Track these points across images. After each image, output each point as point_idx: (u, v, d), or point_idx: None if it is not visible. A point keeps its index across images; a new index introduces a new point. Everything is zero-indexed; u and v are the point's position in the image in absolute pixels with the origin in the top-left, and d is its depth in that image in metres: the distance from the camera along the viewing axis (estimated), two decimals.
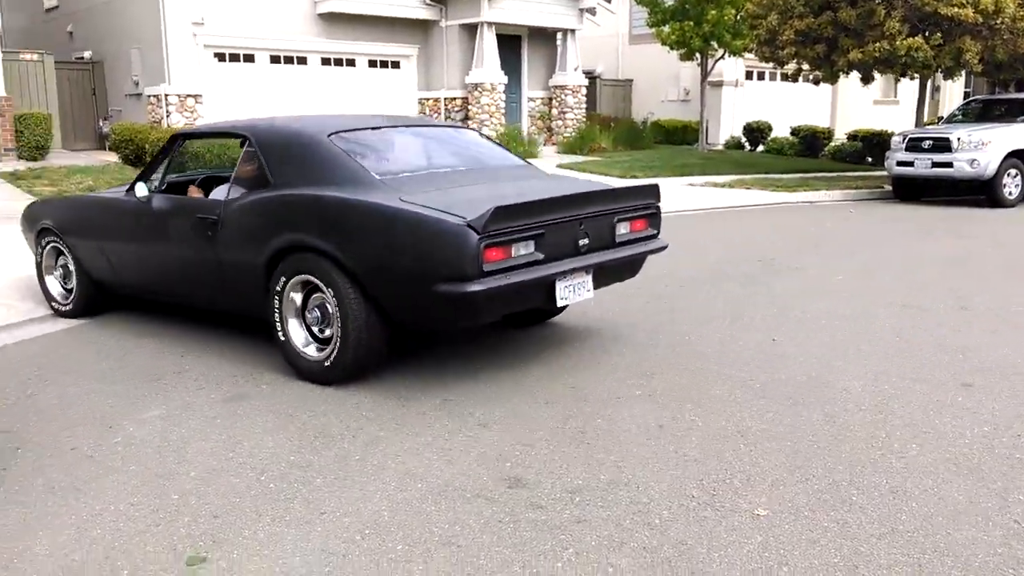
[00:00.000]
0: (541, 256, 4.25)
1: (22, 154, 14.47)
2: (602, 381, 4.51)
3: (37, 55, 16.05)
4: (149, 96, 16.62)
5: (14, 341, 5.57)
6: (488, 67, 18.95)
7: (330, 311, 4.38)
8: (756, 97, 24.79)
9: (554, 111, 21.14)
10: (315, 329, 4.53)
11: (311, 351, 4.55)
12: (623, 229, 4.81)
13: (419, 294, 4.11)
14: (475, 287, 3.93)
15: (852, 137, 21.28)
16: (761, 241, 9.67)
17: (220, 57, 16.97)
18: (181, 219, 5.13)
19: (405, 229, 4.12)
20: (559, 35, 21.12)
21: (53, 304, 6.19)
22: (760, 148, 23.09)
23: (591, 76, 23.91)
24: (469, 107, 19.46)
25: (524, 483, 3.29)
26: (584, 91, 21.31)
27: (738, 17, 18.96)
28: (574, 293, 4.52)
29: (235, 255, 4.79)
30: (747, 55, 20.20)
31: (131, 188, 5.41)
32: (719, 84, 23.38)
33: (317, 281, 4.39)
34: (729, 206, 13.39)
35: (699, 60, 20.38)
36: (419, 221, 4.07)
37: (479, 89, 19.07)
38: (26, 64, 15.75)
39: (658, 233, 5.11)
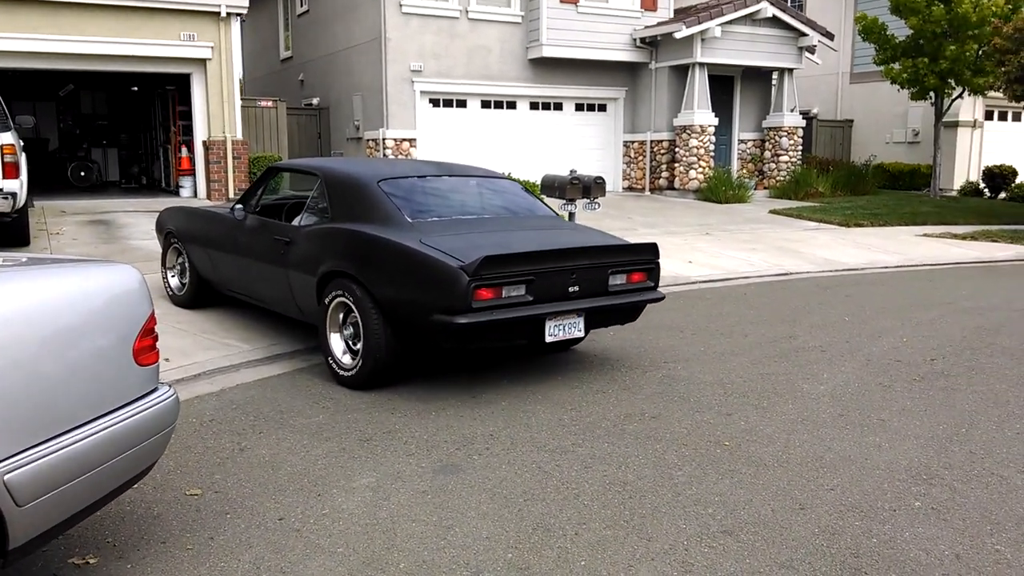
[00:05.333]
0: (531, 298, 4.94)
1: None
2: None
3: (272, 102, 17.23)
4: (368, 140, 17.37)
5: (233, 384, 5.61)
6: (698, 109, 18.30)
7: (359, 328, 5.16)
8: (997, 139, 22.40)
9: (767, 153, 20.08)
10: (350, 342, 5.37)
11: (346, 359, 5.39)
12: (618, 280, 5.40)
13: (422, 320, 4.86)
14: (462, 319, 4.67)
15: None
16: None
17: (434, 102, 17.48)
18: (265, 237, 6.15)
19: (416, 266, 4.92)
20: (774, 74, 20.11)
21: (169, 292, 7.56)
22: (1002, 195, 20.78)
23: (806, 116, 22.57)
24: (676, 149, 18.88)
25: None
26: (800, 133, 20.11)
27: (980, 52, 17.22)
28: (564, 331, 5.11)
29: (299, 272, 5.71)
30: (990, 93, 18.29)
31: (233, 207, 6.54)
32: (954, 125, 21.33)
33: (350, 302, 5.20)
34: (975, 260, 11.92)
35: (932, 99, 18.68)
36: (426, 261, 4.87)
37: (688, 131, 18.44)
38: (262, 110, 16.93)
39: (656, 285, 5.67)
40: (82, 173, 19.30)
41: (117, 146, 21.38)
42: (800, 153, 20.23)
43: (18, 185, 9.37)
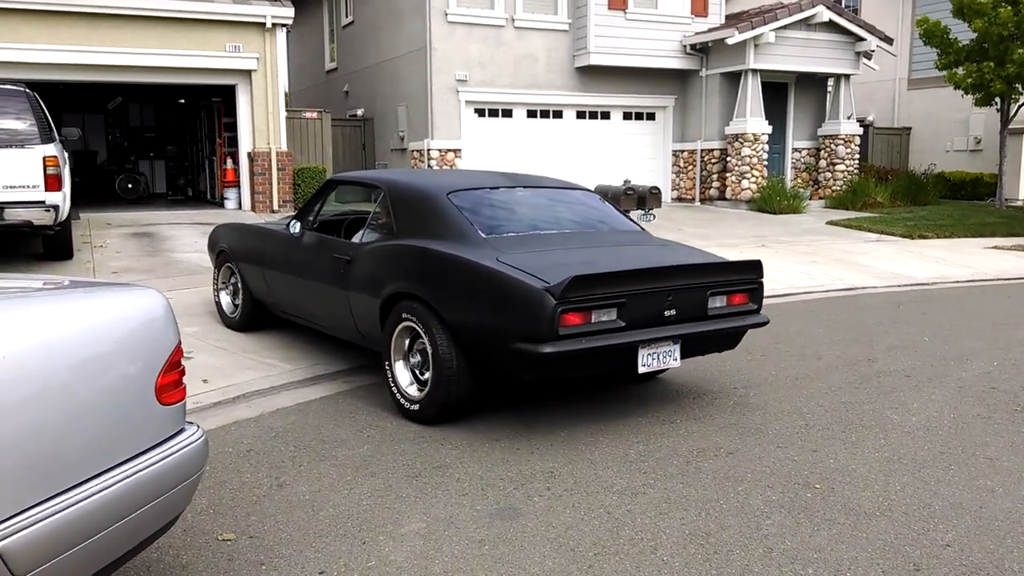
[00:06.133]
0: (623, 323, 4.37)
1: (298, 205, 15.27)
2: None
3: (317, 113, 17.07)
4: (413, 150, 17.12)
5: (272, 409, 5.28)
6: (751, 117, 17.73)
7: (428, 356, 4.65)
8: None
9: (822, 162, 19.41)
10: (416, 372, 4.89)
11: (412, 391, 4.87)
12: (718, 302, 4.81)
13: (500, 348, 4.36)
14: (548, 348, 4.12)
15: None
16: None
17: (480, 112, 17.17)
18: (323, 255, 5.71)
19: (494, 287, 4.40)
20: (830, 81, 19.46)
21: (221, 315, 7.16)
22: None
23: (862, 124, 21.81)
24: (728, 158, 18.31)
25: None
26: (857, 141, 19.42)
27: None
28: (658, 360, 4.55)
29: (360, 294, 5.24)
30: None
31: (289, 223, 6.15)
32: (1019, 132, 20.41)
33: (418, 327, 4.70)
34: None
35: (998, 105, 17.87)
36: (505, 281, 4.34)
37: (740, 140, 17.88)
38: (306, 122, 16.77)
39: (759, 308, 5.05)
40: (129, 185, 19.35)
41: (164, 158, 21.45)
42: (857, 162, 19.53)
43: (61, 197, 9.22)
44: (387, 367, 5.02)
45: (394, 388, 4.97)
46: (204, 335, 6.86)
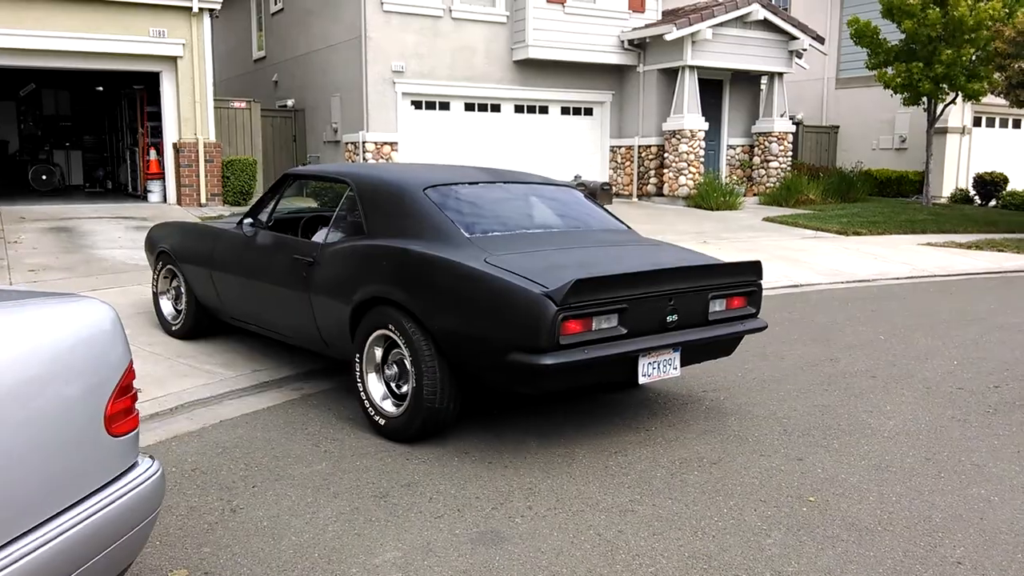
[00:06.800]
0: (624, 331, 4.02)
1: (227, 199, 14.64)
2: None
3: (246, 103, 16.39)
4: (347, 143, 16.60)
5: (216, 421, 4.86)
6: (688, 113, 17.75)
7: (407, 367, 4.26)
8: (986, 145, 22.15)
9: (756, 159, 19.61)
10: (393, 385, 4.47)
11: (387, 406, 4.44)
12: (718, 306, 4.50)
13: (492, 359, 3.97)
14: (548, 360, 3.75)
15: None
16: None
17: (416, 105, 16.75)
18: (280, 256, 5.23)
19: (484, 292, 4.00)
20: (763, 79, 19.66)
21: (162, 322, 6.54)
22: (992, 203, 20.50)
23: (792, 122, 22.19)
24: (665, 155, 18.31)
25: None
26: (790, 139, 19.67)
27: (975, 57, 16.88)
28: (658, 370, 4.24)
29: (325, 299, 4.80)
30: (982, 99, 17.98)
31: (240, 222, 5.68)
32: (943, 131, 21.01)
33: (395, 336, 4.30)
34: (986, 271, 11.45)
35: (926, 105, 18.32)
36: (499, 286, 3.94)
37: (677, 136, 17.89)
38: (235, 112, 16.08)
39: (757, 312, 4.74)
40: (43, 176, 18.30)
41: (81, 148, 20.37)
42: (790, 159, 19.79)
43: None
44: (358, 380, 4.57)
45: (367, 403, 4.52)
46: (134, 338, 6.34)
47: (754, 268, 4.63)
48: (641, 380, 4.18)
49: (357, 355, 4.56)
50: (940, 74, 16.95)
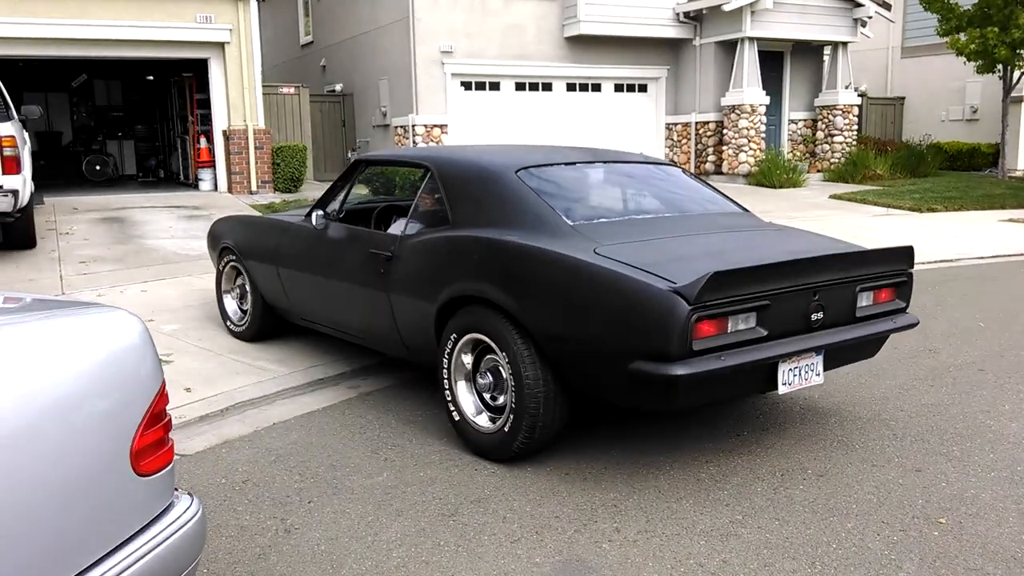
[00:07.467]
0: (764, 332, 3.43)
1: (278, 186, 14.44)
2: None
3: (295, 88, 16.16)
4: (396, 126, 16.28)
5: (268, 423, 4.55)
6: (748, 87, 17.03)
7: (504, 377, 3.77)
8: None
9: (819, 134, 18.79)
10: (486, 396, 3.95)
11: (482, 421, 3.93)
12: (865, 301, 3.90)
13: (609, 369, 3.41)
14: (679, 369, 3.16)
15: None
16: None
17: (466, 86, 16.35)
18: (354, 251, 4.77)
19: (598, 289, 3.44)
20: (827, 49, 18.81)
21: (228, 324, 6.12)
22: None
23: (857, 94, 21.26)
24: (724, 131, 17.63)
25: None
26: (856, 111, 18.81)
27: None
28: (800, 377, 3.67)
29: (406, 298, 4.33)
30: None
31: (309, 214, 5.15)
32: (1020, 100, 19.91)
33: (489, 341, 3.79)
34: None
35: (1000, 72, 17.31)
36: (616, 281, 3.38)
37: (737, 111, 17.20)
38: (284, 97, 15.86)
39: (907, 306, 4.14)
40: (97, 167, 18.35)
41: (133, 138, 20.41)
42: (856, 133, 18.94)
43: (20, 181, 8.36)
44: (445, 390, 4.06)
45: (456, 416, 4.02)
46: (184, 334, 6.10)
47: (907, 255, 4.02)
48: (781, 389, 3.62)
49: (444, 362, 4.05)
50: (1018, 39, 15.96)
